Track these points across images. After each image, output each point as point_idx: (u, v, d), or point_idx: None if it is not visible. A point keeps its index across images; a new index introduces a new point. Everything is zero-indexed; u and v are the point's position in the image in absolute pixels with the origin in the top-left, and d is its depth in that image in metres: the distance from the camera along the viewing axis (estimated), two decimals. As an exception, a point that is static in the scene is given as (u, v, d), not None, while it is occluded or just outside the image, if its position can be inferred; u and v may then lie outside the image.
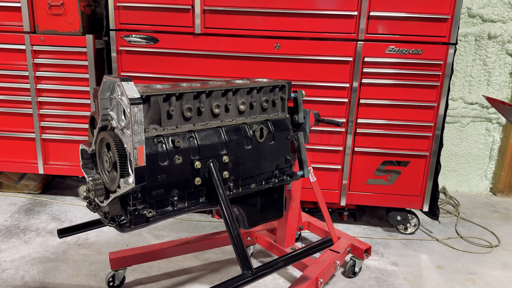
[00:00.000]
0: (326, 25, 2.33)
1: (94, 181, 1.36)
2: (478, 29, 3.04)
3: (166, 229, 2.56)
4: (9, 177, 3.00)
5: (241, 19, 2.36)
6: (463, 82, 3.17)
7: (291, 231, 2.07)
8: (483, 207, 3.12)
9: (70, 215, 2.72)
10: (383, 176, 2.52)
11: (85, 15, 2.62)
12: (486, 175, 3.36)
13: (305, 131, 1.84)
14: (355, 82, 2.38)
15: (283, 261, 1.55)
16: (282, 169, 1.73)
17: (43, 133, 2.75)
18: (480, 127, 3.26)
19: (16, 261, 2.17)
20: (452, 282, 2.14)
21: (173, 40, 2.42)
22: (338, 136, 2.48)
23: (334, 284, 2.07)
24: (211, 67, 2.45)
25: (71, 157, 2.79)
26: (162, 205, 1.40)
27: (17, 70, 2.66)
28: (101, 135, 1.36)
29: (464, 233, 2.67)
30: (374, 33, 2.32)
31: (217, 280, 2.08)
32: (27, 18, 2.56)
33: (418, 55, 2.33)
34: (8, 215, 2.68)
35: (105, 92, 1.34)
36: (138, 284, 2.02)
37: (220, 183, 1.47)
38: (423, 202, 2.53)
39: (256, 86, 1.64)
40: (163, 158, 1.37)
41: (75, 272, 2.10)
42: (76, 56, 2.61)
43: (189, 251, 2.11)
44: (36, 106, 2.70)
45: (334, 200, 2.58)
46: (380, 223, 2.78)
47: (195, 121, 1.49)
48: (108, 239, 2.41)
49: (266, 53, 2.39)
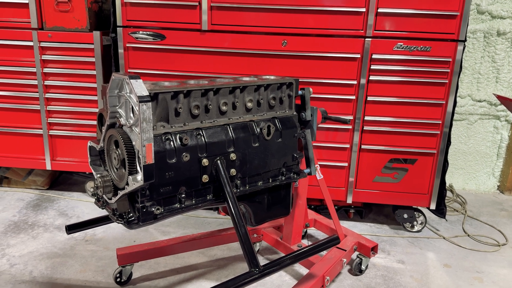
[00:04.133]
0: (333, 21, 2.32)
1: (103, 178, 1.37)
2: (487, 25, 3.01)
3: (172, 226, 2.57)
4: (17, 173, 3.02)
5: (248, 16, 2.35)
6: (471, 79, 3.14)
7: (297, 229, 2.07)
8: (490, 205, 3.11)
9: (77, 210, 2.73)
10: (390, 174, 2.51)
11: (92, 11, 2.62)
12: (493, 173, 3.34)
13: (312, 128, 1.84)
14: (363, 79, 2.37)
15: (290, 258, 1.55)
16: (289, 167, 1.73)
17: (50, 129, 2.77)
18: (488, 124, 3.23)
19: (25, 256, 2.18)
20: (459, 280, 2.13)
21: (180, 36, 2.42)
22: (345, 133, 2.47)
23: (340, 282, 2.07)
24: (218, 64, 2.44)
25: (78, 154, 2.80)
26: (169, 202, 1.41)
27: (24, 66, 2.67)
28: (109, 133, 1.36)
29: (471, 232, 2.66)
30: (382, 29, 2.30)
31: (224, 276, 2.08)
32: (35, 15, 2.57)
33: (427, 52, 2.31)
34: (16, 210, 2.70)
35: (113, 90, 1.34)
36: (145, 280, 2.03)
37: (227, 181, 1.47)
38: (430, 200, 2.52)
39: (264, 84, 1.63)
40: (171, 155, 1.37)
41: (82, 267, 2.11)
42: (83, 53, 2.62)
43: (195, 247, 2.11)
44: (43, 102, 2.71)
45: (341, 197, 2.58)
46: (387, 221, 2.77)
47: (202, 119, 1.49)
48: (115, 235, 2.42)
49: (273, 50, 2.38)
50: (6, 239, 2.34)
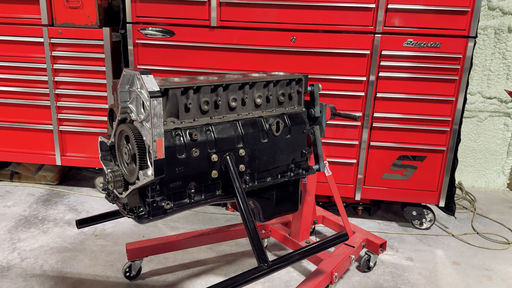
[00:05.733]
0: (343, 17, 2.31)
1: (113, 173, 1.38)
2: (498, 22, 2.98)
3: (181, 221, 2.59)
4: (28, 168, 3.05)
5: (257, 12, 2.35)
6: (481, 76, 3.12)
7: (305, 225, 2.07)
8: (500, 203, 3.08)
9: (87, 206, 2.76)
10: (399, 171, 2.50)
11: (102, 8, 2.63)
12: (503, 170, 3.31)
13: (321, 125, 1.84)
14: (372, 76, 2.36)
15: (299, 254, 1.55)
16: (298, 163, 1.73)
17: (60, 125, 2.79)
18: (498, 122, 3.20)
19: (35, 251, 2.21)
20: (468, 278, 2.12)
21: (189, 33, 2.42)
22: (354, 130, 2.47)
23: (348, 278, 2.07)
24: (227, 60, 2.45)
25: (87, 149, 2.82)
26: (179, 197, 1.42)
27: (35, 62, 2.69)
28: (120, 128, 1.37)
29: (481, 229, 2.64)
30: (392, 26, 2.29)
31: (232, 272, 2.09)
32: (45, 11, 2.59)
33: (437, 48, 2.29)
34: (26, 205, 2.73)
35: (124, 85, 1.35)
36: (154, 275, 2.05)
37: (236, 176, 1.47)
38: (439, 198, 2.50)
39: (273, 80, 1.63)
40: (181, 151, 1.37)
41: (92, 262, 2.13)
42: (93, 49, 2.63)
43: (204, 243, 2.12)
44: (53, 98, 2.73)
45: (349, 194, 2.58)
46: (395, 218, 2.76)
47: (212, 114, 1.49)
48: (124, 230, 2.44)
49: (282, 46, 2.38)
50: (17, 234, 2.37)
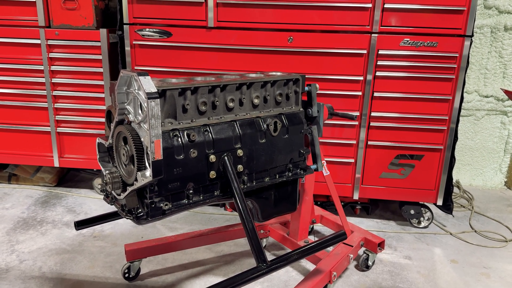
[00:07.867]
0: (339, 17, 2.31)
1: (111, 174, 1.38)
2: (494, 20, 2.99)
3: (179, 222, 2.59)
4: (26, 170, 3.05)
5: (254, 12, 2.35)
6: (478, 75, 3.13)
7: (304, 225, 2.07)
8: (497, 201, 3.09)
9: (85, 207, 2.76)
10: (397, 170, 2.51)
11: (99, 9, 2.63)
12: (500, 169, 3.32)
13: (319, 124, 1.84)
14: (369, 75, 2.36)
15: (297, 254, 1.56)
16: (296, 163, 1.73)
17: (58, 127, 2.79)
18: (495, 120, 3.22)
19: (34, 252, 2.21)
20: (466, 276, 2.13)
21: (186, 34, 2.43)
22: (351, 129, 2.47)
23: (347, 277, 2.08)
24: (224, 60, 2.45)
25: (85, 151, 2.82)
26: (177, 198, 1.42)
27: (32, 64, 2.69)
28: (118, 129, 1.37)
29: (478, 227, 2.65)
30: (388, 25, 2.29)
31: (231, 272, 2.09)
32: (42, 13, 2.59)
33: (433, 47, 2.30)
34: (25, 207, 2.73)
35: (122, 87, 1.35)
36: (153, 276, 2.05)
37: (234, 177, 1.48)
38: (437, 196, 2.51)
39: (270, 80, 1.64)
40: (179, 151, 1.38)
41: (91, 263, 2.13)
42: (90, 50, 2.63)
43: (203, 243, 2.13)
44: (51, 100, 2.73)
45: (347, 193, 2.58)
46: (393, 217, 2.77)
47: (209, 115, 1.50)
48: (123, 231, 2.44)
49: (279, 46, 2.38)
50: (15, 236, 2.37)
